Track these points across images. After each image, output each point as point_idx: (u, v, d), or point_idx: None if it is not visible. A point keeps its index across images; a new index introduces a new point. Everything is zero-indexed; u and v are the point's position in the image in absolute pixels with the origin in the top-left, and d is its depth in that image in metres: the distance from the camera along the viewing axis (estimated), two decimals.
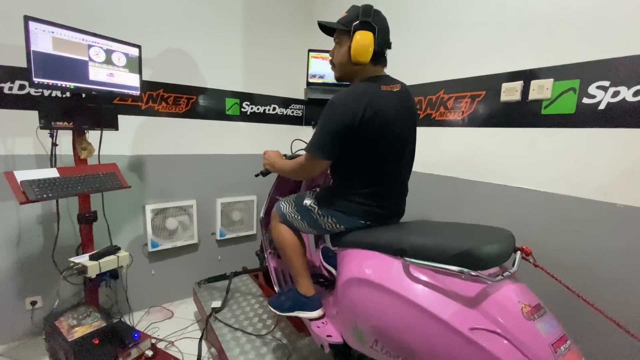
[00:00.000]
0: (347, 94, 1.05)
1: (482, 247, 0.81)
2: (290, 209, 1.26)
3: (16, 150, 1.57)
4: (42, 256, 1.65)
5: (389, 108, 1.05)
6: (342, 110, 1.02)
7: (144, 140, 1.90)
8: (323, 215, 1.17)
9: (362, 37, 1.03)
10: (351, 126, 1.02)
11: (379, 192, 1.12)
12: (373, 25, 1.04)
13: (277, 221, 1.31)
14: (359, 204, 1.12)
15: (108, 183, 1.45)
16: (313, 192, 1.27)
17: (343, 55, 1.12)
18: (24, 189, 1.20)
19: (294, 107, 2.49)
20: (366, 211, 1.12)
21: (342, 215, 1.14)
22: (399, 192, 1.21)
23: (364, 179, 1.11)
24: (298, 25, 2.40)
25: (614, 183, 1.10)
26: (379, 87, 1.07)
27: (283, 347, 1.41)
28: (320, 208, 1.18)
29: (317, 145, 1.07)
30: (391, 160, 1.12)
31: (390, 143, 1.09)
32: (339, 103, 1.03)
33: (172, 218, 2.01)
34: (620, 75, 1.07)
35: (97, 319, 1.40)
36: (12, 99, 1.53)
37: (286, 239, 1.27)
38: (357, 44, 1.04)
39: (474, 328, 0.77)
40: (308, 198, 1.23)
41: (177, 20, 1.92)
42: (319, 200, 1.20)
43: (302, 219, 1.23)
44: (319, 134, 1.06)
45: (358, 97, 1.03)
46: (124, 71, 1.49)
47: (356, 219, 1.14)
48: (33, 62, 1.19)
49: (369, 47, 1.04)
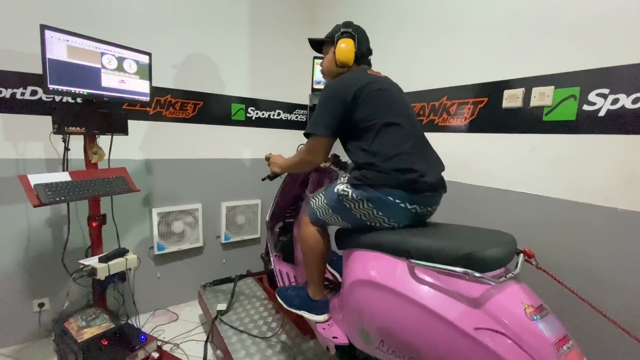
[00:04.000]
0: (341, 78, 1.19)
1: (486, 250, 0.83)
2: (321, 203, 1.20)
3: (27, 154, 1.60)
4: (50, 258, 1.68)
5: (382, 81, 1.17)
6: (336, 90, 1.14)
7: (151, 144, 1.94)
8: (357, 200, 1.08)
9: (344, 43, 1.21)
10: (346, 101, 1.11)
11: (407, 151, 1.06)
12: (352, 34, 1.23)
13: (307, 221, 1.27)
14: (393, 171, 1.04)
15: (118, 187, 1.48)
16: (343, 178, 1.18)
17: (329, 61, 1.28)
18: (38, 192, 1.23)
19: (298, 113, 2.53)
20: (401, 178, 1.03)
21: (378, 194, 1.05)
22: (431, 158, 1.15)
23: (384, 139, 1.07)
24: (303, 33, 2.44)
25: (614, 188, 1.12)
26: (366, 71, 1.22)
27: (288, 350, 1.43)
28: (354, 191, 1.08)
29: (317, 123, 1.15)
30: (404, 118, 1.11)
31: (395, 103, 1.14)
32: (334, 85, 1.16)
33: (178, 221, 2.04)
34: (619, 83, 1.09)
35: (105, 321, 1.42)
36: (24, 105, 1.57)
37: (312, 244, 1.24)
38: (340, 49, 1.21)
39: (479, 328, 0.78)
40: (340, 184, 1.15)
41: (185, 28, 1.97)
42: (352, 182, 1.10)
43: (334, 213, 1.16)
44: (317, 114, 1.16)
45: (350, 80, 1.15)
46: (134, 78, 1.53)
47: (394, 196, 1.04)
48: (48, 70, 1.23)
49: (350, 51, 1.21)
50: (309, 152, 1.21)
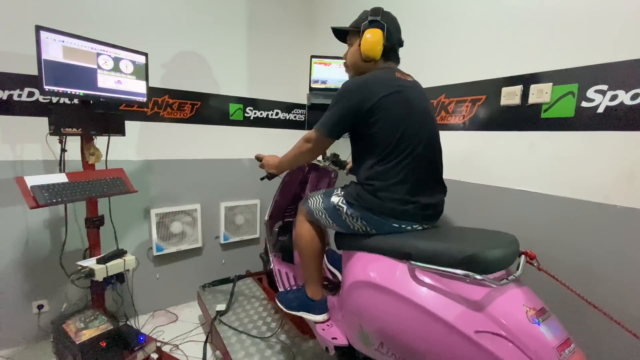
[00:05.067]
0: (362, 79, 1.08)
1: (487, 252, 0.82)
2: (318, 205, 1.20)
3: (24, 155, 1.60)
4: (49, 260, 1.67)
5: (408, 90, 1.07)
6: (352, 94, 1.06)
7: (149, 145, 1.93)
8: (352, 216, 1.10)
9: (371, 34, 1.09)
10: (360, 110, 1.04)
11: (410, 180, 1.03)
12: (382, 23, 1.10)
13: (303, 217, 1.26)
14: (389, 200, 1.03)
15: (115, 188, 1.47)
16: (341, 189, 1.19)
17: (354, 53, 1.17)
18: (34, 194, 1.22)
19: (297, 112, 2.52)
20: (396, 209, 1.03)
21: (372, 216, 1.06)
22: (434, 185, 1.12)
23: (392, 164, 1.03)
24: (300, 32, 2.44)
25: (614, 185, 1.11)
26: (393, 73, 1.11)
27: (287, 350, 1.43)
28: (349, 208, 1.10)
29: (324, 123, 1.10)
30: (418, 142, 1.05)
31: (413, 122, 1.05)
32: (352, 87, 1.07)
33: (176, 222, 2.03)
34: (618, 79, 1.09)
35: (103, 322, 1.42)
36: (21, 106, 1.56)
37: (307, 240, 1.23)
38: (366, 41, 1.09)
39: (479, 331, 0.78)
40: (335, 195, 1.16)
41: (182, 27, 1.96)
42: (347, 199, 1.11)
43: (330, 217, 1.16)
44: (328, 113, 1.10)
45: (371, 84, 1.05)
46: (131, 78, 1.52)
47: (387, 220, 1.05)
48: (44, 70, 1.22)
49: (378, 43, 1.09)
50: (309, 143, 1.15)
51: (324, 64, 2.02)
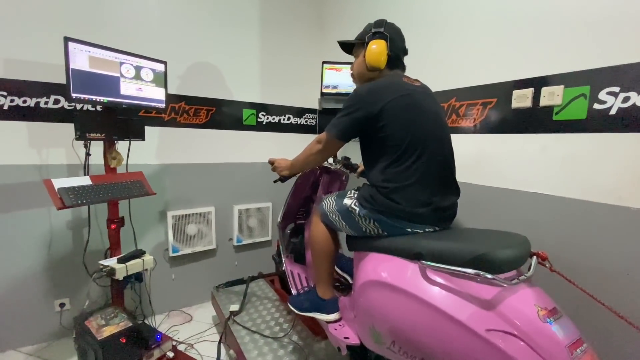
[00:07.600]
0: (372, 84, 1.12)
1: (498, 251, 0.83)
2: (331, 207, 1.22)
3: (50, 160, 1.68)
4: (71, 260, 1.74)
5: (416, 94, 1.10)
6: (363, 99, 1.09)
7: (166, 150, 2.00)
8: (365, 218, 1.11)
9: (375, 45, 1.14)
10: (370, 114, 1.07)
11: (425, 182, 1.04)
12: (385, 34, 1.15)
13: (318, 219, 1.29)
14: (404, 202, 1.03)
15: (135, 190, 1.54)
16: (354, 190, 1.20)
17: (360, 64, 1.22)
18: (61, 196, 1.29)
19: (308, 117, 2.56)
20: (411, 211, 1.04)
21: (385, 219, 1.07)
22: (448, 187, 1.12)
23: (404, 166, 1.05)
24: (312, 39, 2.49)
25: (627, 187, 1.11)
26: (400, 78, 1.15)
27: (300, 350, 1.44)
28: (361, 210, 1.11)
29: (335, 125, 1.13)
30: (430, 144, 1.06)
31: (424, 125, 1.07)
32: (363, 92, 1.10)
33: (191, 224, 2.09)
34: (630, 81, 1.09)
35: (123, 319, 1.47)
36: (47, 113, 1.64)
37: (321, 241, 1.26)
38: (370, 52, 1.15)
39: (490, 329, 0.78)
40: (348, 198, 1.18)
41: (198, 36, 2.04)
42: (360, 201, 1.13)
43: (343, 219, 1.18)
44: (339, 117, 1.13)
45: (380, 89, 1.09)
46: (151, 85, 1.59)
47: (400, 223, 1.06)
48: (72, 79, 1.29)
49: (382, 54, 1.14)
50: (319, 142, 1.19)
51: (335, 70, 2.06)
